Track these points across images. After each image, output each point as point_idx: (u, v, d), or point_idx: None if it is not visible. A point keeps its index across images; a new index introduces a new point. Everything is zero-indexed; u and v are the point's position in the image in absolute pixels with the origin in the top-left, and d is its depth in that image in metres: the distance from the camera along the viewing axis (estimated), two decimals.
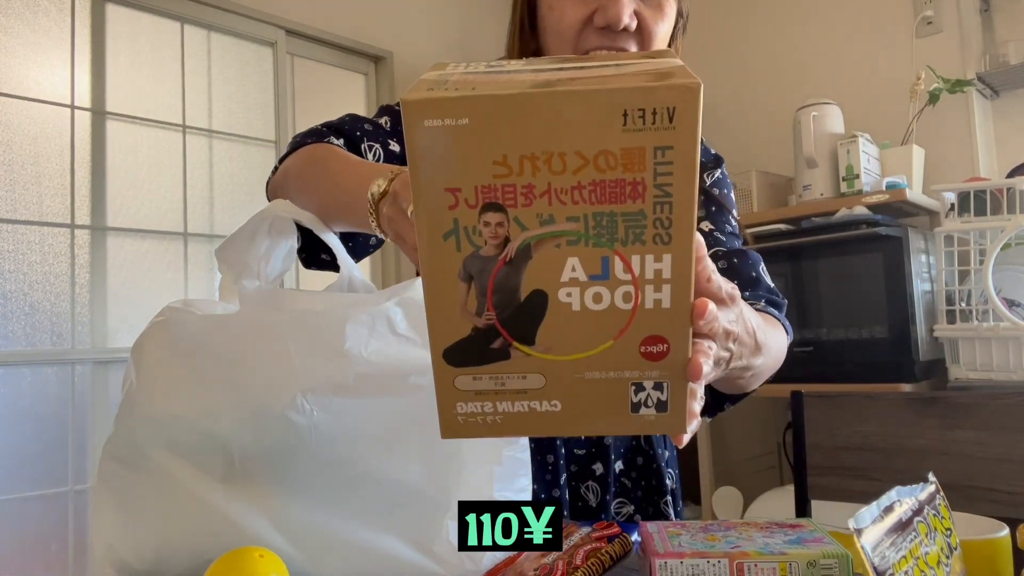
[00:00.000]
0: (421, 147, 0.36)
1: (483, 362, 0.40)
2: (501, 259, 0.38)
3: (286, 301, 0.67)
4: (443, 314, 0.39)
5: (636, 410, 0.41)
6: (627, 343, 0.39)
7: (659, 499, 0.95)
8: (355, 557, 0.60)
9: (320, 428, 0.58)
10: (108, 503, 0.63)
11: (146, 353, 0.65)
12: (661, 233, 0.37)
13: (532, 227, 0.37)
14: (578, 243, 0.37)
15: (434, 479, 0.61)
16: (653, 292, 0.38)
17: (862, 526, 0.46)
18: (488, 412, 0.41)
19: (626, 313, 0.39)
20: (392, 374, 0.60)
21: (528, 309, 0.39)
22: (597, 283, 0.38)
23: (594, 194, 0.36)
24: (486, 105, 0.35)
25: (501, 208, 0.37)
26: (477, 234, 0.37)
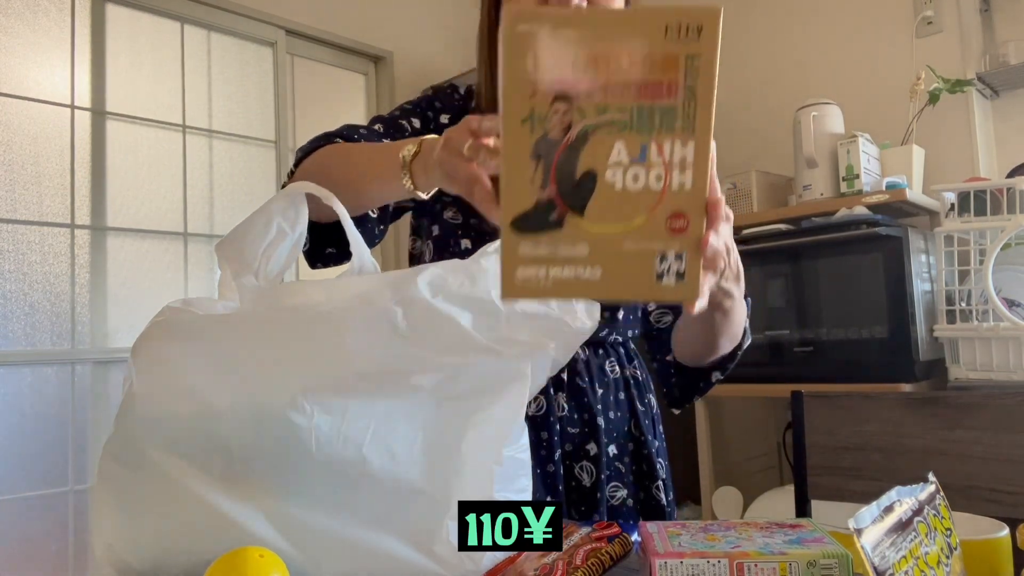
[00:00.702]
0: (513, 46, 0.47)
1: (542, 230, 0.49)
2: (564, 142, 0.48)
3: (287, 297, 0.66)
4: (514, 188, 0.48)
5: (660, 279, 0.50)
6: (656, 218, 0.49)
7: (651, 484, 0.99)
8: (355, 557, 0.60)
9: (320, 428, 0.58)
10: (108, 503, 0.63)
11: (146, 353, 0.65)
12: (687, 124, 0.48)
13: (591, 116, 0.48)
14: (624, 130, 0.48)
15: (434, 479, 0.61)
16: (679, 175, 0.48)
17: (862, 526, 0.46)
18: (541, 277, 0.50)
19: (657, 193, 0.49)
20: (392, 374, 0.60)
21: (581, 186, 0.49)
22: (636, 165, 0.48)
23: (639, 91, 0.47)
24: (566, 17, 0.47)
25: (568, 98, 0.47)
26: (547, 120, 0.48)
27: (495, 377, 0.64)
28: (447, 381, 0.62)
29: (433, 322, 0.60)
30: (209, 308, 0.67)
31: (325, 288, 0.66)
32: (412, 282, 0.61)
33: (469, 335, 0.61)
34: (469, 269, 0.64)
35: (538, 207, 0.49)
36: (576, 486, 0.95)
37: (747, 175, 2.46)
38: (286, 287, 0.69)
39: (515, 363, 0.64)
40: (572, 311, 0.67)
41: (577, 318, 0.67)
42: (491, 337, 0.62)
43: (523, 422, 0.66)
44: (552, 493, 0.94)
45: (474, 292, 0.62)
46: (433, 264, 0.64)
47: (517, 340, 0.63)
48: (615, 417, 0.99)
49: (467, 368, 0.62)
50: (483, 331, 0.62)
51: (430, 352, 0.61)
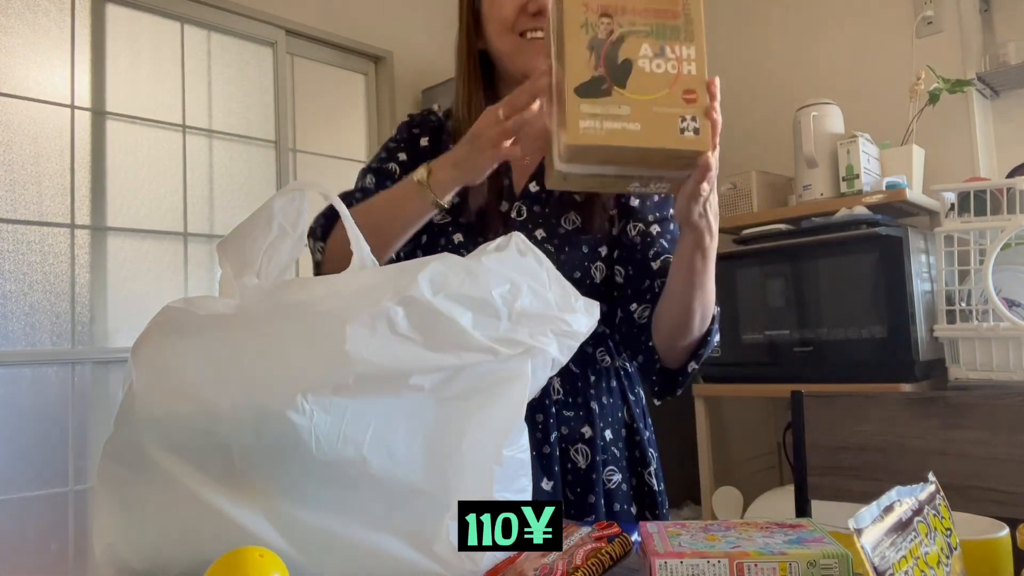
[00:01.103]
0: None
1: (596, 96, 0.69)
2: (609, 40, 0.71)
3: (287, 295, 0.66)
4: (576, 66, 0.69)
5: (682, 133, 0.70)
6: (675, 92, 0.71)
7: (643, 470, 1.04)
8: (355, 557, 0.60)
9: (320, 428, 0.58)
10: (108, 503, 0.63)
11: (146, 353, 0.65)
12: (688, 35, 0.72)
13: (626, 26, 0.71)
14: (649, 36, 0.71)
15: (434, 479, 0.61)
16: (686, 65, 0.72)
17: (862, 526, 0.46)
18: (597, 127, 0.69)
19: (674, 75, 0.71)
20: (393, 374, 0.60)
21: (623, 68, 0.70)
22: (659, 57, 0.71)
23: (655, 14, 0.72)
24: None
25: (610, 16, 0.71)
26: (597, 27, 0.71)
27: (495, 377, 0.64)
28: (447, 381, 0.62)
29: (433, 322, 0.60)
30: (209, 308, 0.67)
31: (325, 286, 0.66)
32: (413, 280, 0.61)
33: (469, 335, 0.61)
34: (470, 267, 0.63)
35: (593, 80, 0.70)
36: (572, 468, 0.98)
37: (747, 175, 2.46)
38: (286, 285, 0.69)
39: (515, 363, 0.64)
40: (572, 310, 0.67)
41: (578, 317, 0.67)
42: (491, 337, 0.62)
43: (523, 422, 0.66)
44: (548, 475, 0.96)
45: (475, 291, 0.62)
46: (434, 258, 0.64)
47: (517, 340, 0.63)
48: (608, 403, 1.03)
49: (467, 368, 0.62)
50: (483, 331, 0.62)
51: (430, 352, 0.61)
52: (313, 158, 2.90)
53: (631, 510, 1.01)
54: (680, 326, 0.93)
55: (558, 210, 1.01)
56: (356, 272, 0.68)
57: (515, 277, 0.65)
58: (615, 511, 1.00)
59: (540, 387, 0.69)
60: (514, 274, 0.65)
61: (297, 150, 2.85)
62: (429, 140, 1.08)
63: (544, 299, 0.66)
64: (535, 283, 0.66)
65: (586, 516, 0.97)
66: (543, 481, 0.96)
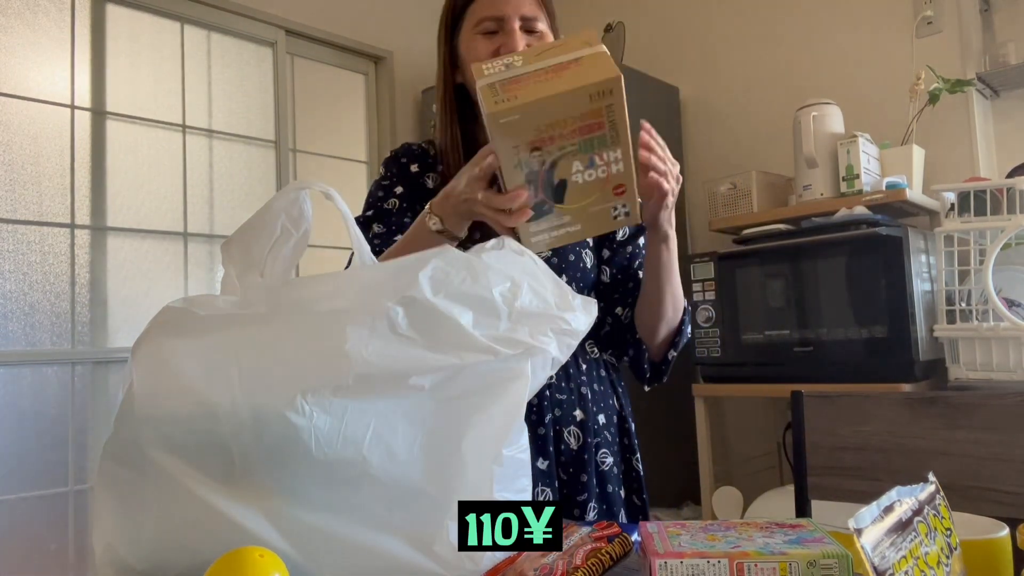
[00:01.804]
0: (499, 130, 0.76)
1: (540, 216, 0.82)
2: (543, 169, 0.79)
3: (287, 295, 0.66)
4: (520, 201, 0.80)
5: (615, 219, 0.84)
6: (606, 191, 0.82)
7: (631, 456, 1.12)
8: (355, 557, 0.60)
9: (320, 429, 0.58)
10: (108, 503, 0.63)
11: (146, 353, 0.65)
12: (614, 140, 0.78)
13: (555, 153, 0.78)
14: (578, 154, 0.79)
15: (434, 479, 0.61)
16: (614, 166, 0.80)
17: (862, 526, 0.46)
18: (545, 238, 0.84)
19: (604, 178, 0.81)
20: (392, 375, 0.60)
21: (559, 188, 0.81)
22: (589, 169, 0.80)
23: (581, 131, 0.77)
24: (526, 107, 0.75)
25: (540, 148, 0.78)
26: (530, 163, 0.78)
27: (495, 377, 0.64)
28: (447, 381, 0.62)
29: (434, 322, 0.60)
30: (210, 307, 0.67)
31: (326, 284, 0.65)
32: (414, 279, 0.61)
33: (469, 335, 0.61)
34: (471, 264, 0.63)
35: (535, 206, 0.82)
36: (565, 449, 1.05)
37: (747, 175, 2.46)
38: (287, 284, 0.68)
39: (515, 363, 0.64)
40: (572, 308, 0.67)
41: (577, 316, 0.67)
42: (491, 337, 0.62)
43: (523, 422, 0.66)
44: (543, 455, 1.03)
45: (476, 289, 0.62)
46: (435, 254, 0.63)
47: (517, 340, 0.63)
48: (599, 390, 1.11)
49: (467, 368, 0.62)
50: (484, 330, 0.62)
51: (430, 352, 0.60)
52: (313, 158, 2.90)
53: (620, 492, 1.09)
54: (657, 318, 1.05)
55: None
56: (357, 270, 0.68)
57: (515, 275, 0.65)
58: (607, 492, 1.07)
59: (540, 385, 0.69)
60: (514, 272, 0.65)
61: (297, 150, 2.85)
62: (419, 166, 1.15)
63: (544, 298, 0.66)
64: (533, 281, 0.66)
65: (579, 494, 1.04)
66: (538, 461, 1.03)
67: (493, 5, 1.03)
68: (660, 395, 2.47)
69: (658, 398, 2.48)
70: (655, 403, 2.46)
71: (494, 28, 1.03)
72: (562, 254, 1.08)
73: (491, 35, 1.03)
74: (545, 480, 1.03)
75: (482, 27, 1.03)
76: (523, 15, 1.02)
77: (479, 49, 1.03)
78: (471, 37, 1.05)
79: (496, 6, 1.03)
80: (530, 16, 1.03)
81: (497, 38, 1.03)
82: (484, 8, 1.04)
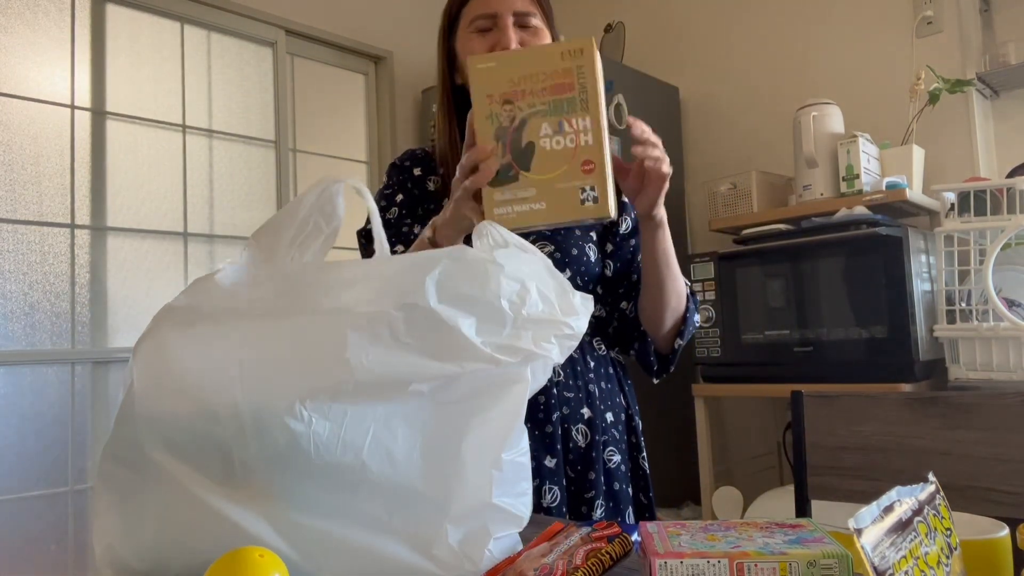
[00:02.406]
0: (476, 76, 0.80)
1: (507, 182, 0.79)
2: (512, 127, 0.79)
3: (294, 289, 0.65)
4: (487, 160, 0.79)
5: (583, 204, 0.79)
6: (574, 165, 0.79)
7: (638, 455, 1.12)
8: (354, 560, 0.60)
9: (319, 434, 0.58)
10: (108, 503, 0.63)
11: (146, 353, 0.65)
12: (584, 106, 0.79)
13: (525, 110, 0.79)
14: (547, 115, 0.79)
15: (433, 483, 0.61)
16: (583, 136, 0.79)
17: (862, 526, 0.46)
18: (509, 212, 0.79)
19: (572, 149, 0.79)
20: (392, 381, 0.60)
21: (526, 151, 0.79)
22: (558, 134, 0.79)
23: (552, 90, 0.78)
24: (502, 57, 0.82)
25: (511, 102, 0.79)
26: (500, 116, 0.79)
27: (495, 381, 0.64)
28: (447, 386, 0.62)
29: (435, 329, 0.60)
30: (212, 306, 0.66)
31: (333, 279, 0.65)
32: (420, 284, 0.60)
33: (471, 344, 0.60)
34: (483, 267, 0.62)
35: (502, 168, 0.79)
36: (573, 447, 1.05)
37: (747, 175, 2.46)
38: (293, 277, 0.67)
39: (516, 367, 0.64)
40: (574, 311, 0.67)
41: (579, 319, 0.67)
42: (493, 345, 0.61)
43: (523, 426, 0.66)
44: (551, 453, 1.03)
45: (483, 295, 0.62)
46: (446, 256, 0.63)
47: (519, 348, 0.62)
48: (606, 388, 1.11)
49: (467, 374, 0.62)
50: (486, 337, 0.61)
51: (431, 360, 0.60)
52: (313, 158, 2.90)
53: (628, 490, 1.09)
54: (662, 308, 1.06)
55: None
56: (369, 262, 0.67)
57: (524, 277, 0.64)
58: (615, 490, 1.07)
59: (540, 386, 0.69)
60: (523, 273, 0.64)
61: (297, 150, 2.85)
62: (421, 170, 1.16)
63: (549, 301, 0.65)
64: (540, 283, 0.65)
65: (587, 492, 1.04)
66: (546, 459, 1.02)
67: (485, 3, 1.04)
68: (660, 395, 2.47)
69: (658, 398, 2.48)
70: (655, 403, 2.46)
71: (488, 25, 1.04)
72: (565, 248, 1.08)
73: (485, 32, 1.05)
74: (553, 478, 1.02)
75: (476, 25, 1.05)
76: (516, 11, 1.03)
77: (474, 47, 1.05)
78: (466, 36, 1.07)
79: (488, 3, 1.04)
80: (523, 11, 1.04)
81: (491, 35, 1.04)
82: (477, 7, 1.05)
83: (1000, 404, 1.02)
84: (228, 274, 0.69)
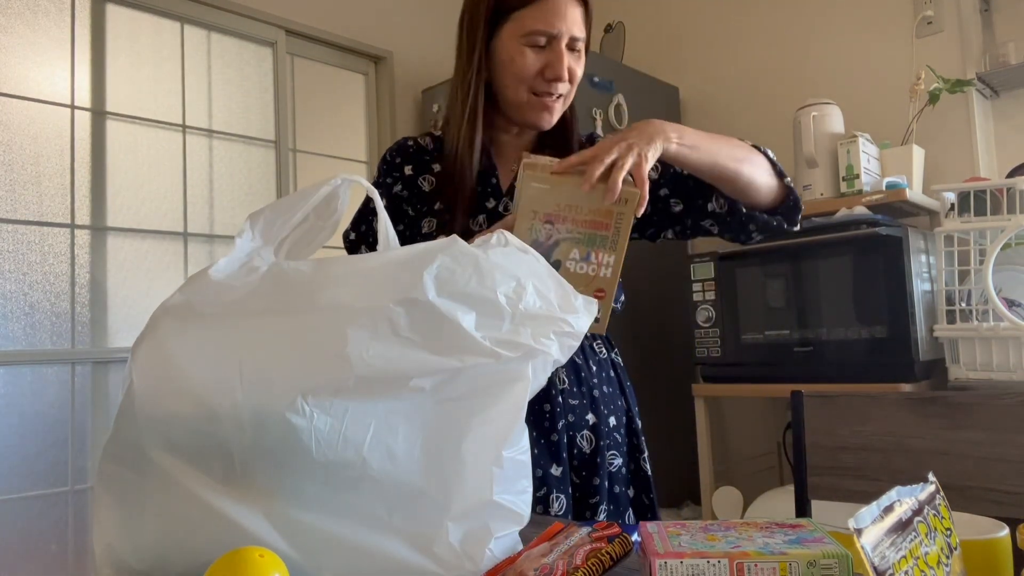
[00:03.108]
0: (528, 192, 0.86)
1: None
2: (547, 243, 0.86)
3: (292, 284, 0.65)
4: None
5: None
6: (588, 290, 0.86)
7: (639, 456, 1.13)
8: (355, 558, 0.60)
9: (320, 430, 0.58)
10: (108, 503, 0.63)
11: (146, 353, 0.65)
12: (612, 246, 0.87)
13: (563, 233, 0.87)
14: (579, 243, 0.87)
15: (434, 481, 0.61)
16: (604, 269, 0.88)
17: (862, 526, 0.46)
18: None
19: (591, 276, 0.88)
20: (393, 377, 0.60)
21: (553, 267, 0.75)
22: (583, 261, 0.88)
23: (590, 224, 0.87)
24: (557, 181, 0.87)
25: (552, 223, 0.87)
26: (539, 231, 0.86)
27: (496, 378, 0.64)
28: (447, 383, 0.62)
29: (435, 324, 0.60)
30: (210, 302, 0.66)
31: (332, 274, 0.64)
32: (418, 278, 0.60)
33: (471, 338, 0.61)
34: (478, 262, 0.63)
35: None
36: (578, 453, 1.05)
37: None
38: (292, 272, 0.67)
39: (516, 364, 0.64)
40: (574, 309, 0.67)
41: (579, 317, 0.67)
42: (493, 339, 0.61)
43: (523, 424, 0.66)
44: (557, 461, 1.02)
45: (480, 290, 0.62)
46: (442, 249, 0.63)
47: (519, 343, 0.63)
48: (609, 392, 1.11)
49: (468, 370, 0.62)
50: (486, 332, 0.61)
51: (431, 355, 0.60)
52: (313, 158, 2.90)
53: (628, 492, 1.09)
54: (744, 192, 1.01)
55: None
56: (366, 257, 0.67)
57: (520, 275, 0.64)
58: (615, 492, 1.07)
59: (540, 386, 0.69)
60: (519, 271, 0.65)
61: (297, 150, 2.85)
62: (413, 167, 1.13)
63: (547, 299, 0.65)
64: (538, 281, 0.65)
65: (591, 497, 1.04)
66: (552, 467, 1.02)
67: (548, 20, 1.00)
68: (660, 395, 2.47)
69: (658, 398, 2.48)
70: (655, 403, 2.46)
71: (543, 43, 1.01)
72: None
73: (538, 49, 1.02)
74: (560, 487, 1.02)
75: (531, 39, 1.01)
76: (573, 35, 1.02)
77: (527, 63, 1.02)
78: (517, 45, 1.02)
79: (551, 22, 1.00)
80: (578, 36, 1.03)
81: (544, 54, 1.02)
82: (537, 20, 1.00)
83: (1000, 404, 1.02)
84: (223, 269, 0.68)
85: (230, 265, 0.69)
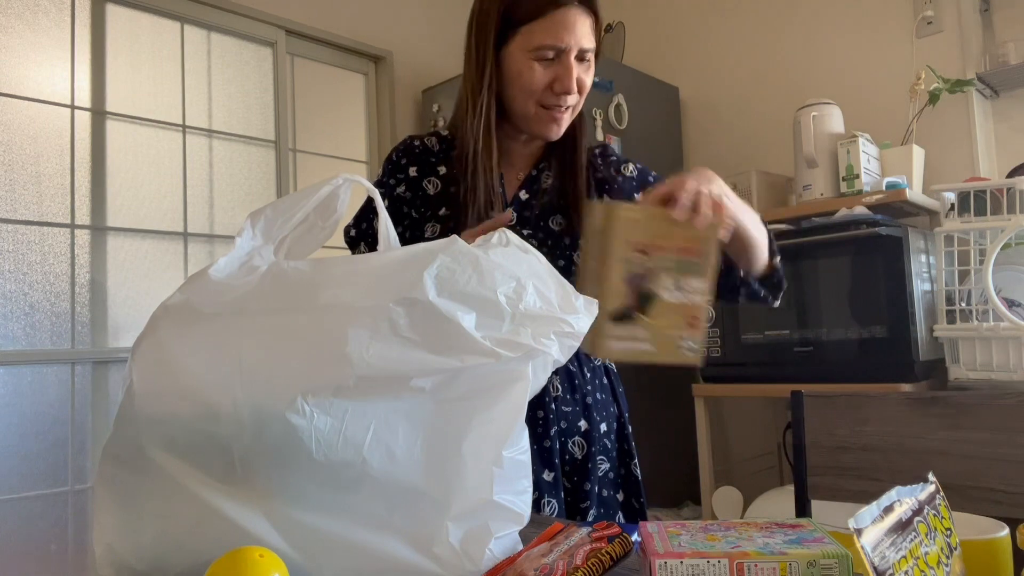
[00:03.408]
0: (620, 223, 0.85)
1: (624, 321, 0.86)
2: (642, 275, 0.85)
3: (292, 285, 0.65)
4: (612, 297, 0.84)
5: (680, 350, 0.88)
6: (684, 316, 0.87)
7: (630, 461, 1.13)
8: (355, 558, 0.60)
9: (320, 430, 0.58)
10: (108, 503, 0.63)
11: (146, 352, 0.65)
12: (703, 271, 0.87)
13: (656, 262, 0.86)
14: (672, 271, 0.86)
15: (434, 481, 0.61)
16: (696, 296, 0.87)
17: (862, 526, 0.46)
18: (620, 346, 0.86)
19: (685, 305, 0.87)
20: (393, 377, 0.60)
21: (647, 298, 0.86)
22: (677, 289, 0.87)
23: (682, 251, 0.86)
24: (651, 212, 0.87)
25: (646, 253, 0.85)
26: (633, 263, 0.85)
27: (496, 378, 0.64)
28: (448, 382, 0.62)
29: (435, 324, 0.60)
30: (210, 302, 0.66)
31: (332, 274, 0.65)
32: (418, 278, 0.60)
33: (471, 338, 0.61)
34: (478, 262, 0.63)
35: (624, 309, 0.86)
36: (569, 459, 1.06)
37: (747, 175, 2.46)
38: (292, 272, 0.67)
39: (516, 365, 0.64)
40: (574, 310, 0.67)
41: (579, 317, 0.67)
42: (493, 339, 0.61)
43: (523, 423, 0.66)
44: (549, 466, 1.03)
45: (480, 290, 0.62)
46: (442, 249, 0.63)
47: (520, 343, 0.63)
48: (601, 398, 1.12)
49: (468, 370, 0.62)
50: (486, 332, 0.61)
51: (432, 355, 0.60)
52: (313, 158, 2.90)
53: (617, 496, 1.10)
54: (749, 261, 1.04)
55: (546, 213, 1.10)
56: (361, 259, 0.67)
57: (521, 275, 0.64)
58: (603, 496, 1.08)
59: (540, 387, 0.69)
60: (520, 271, 0.64)
61: (297, 150, 2.85)
62: (418, 169, 1.12)
63: (547, 299, 0.65)
64: (538, 282, 0.65)
65: (582, 502, 1.05)
66: (544, 472, 1.03)
67: (556, 34, 1.00)
68: (660, 395, 2.47)
69: (658, 398, 2.48)
70: (655, 403, 2.46)
71: (552, 56, 1.01)
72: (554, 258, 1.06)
73: (547, 62, 1.02)
74: (552, 492, 1.03)
75: (540, 53, 1.01)
76: (582, 47, 1.02)
77: (536, 77, 1.02)
78: (526, 59, 1.02)
79: (561, 36, 1.00)
80: (587, 48, 1.03)
81: (553, 68, 1.02)
82: (546, 34, 1.00)
83: (1000, 404, 1.02)
84: (223, 269, 0.68)
85: (230, 264, 0.69)
